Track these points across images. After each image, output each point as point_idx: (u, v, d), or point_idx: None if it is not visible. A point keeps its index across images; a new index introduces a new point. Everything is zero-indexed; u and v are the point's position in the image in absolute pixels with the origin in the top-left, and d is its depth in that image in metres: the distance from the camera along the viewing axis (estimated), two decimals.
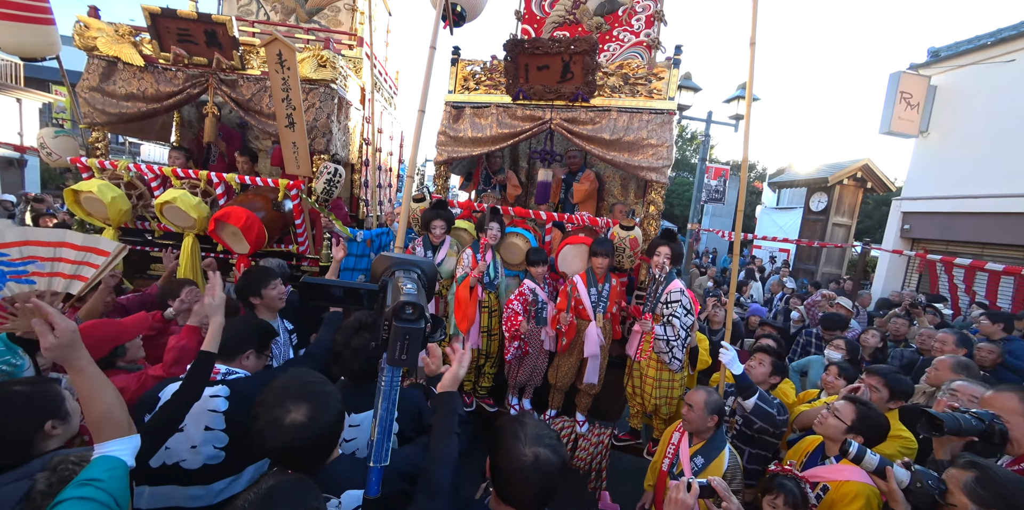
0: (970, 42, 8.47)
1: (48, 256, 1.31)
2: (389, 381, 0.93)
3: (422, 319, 0.85)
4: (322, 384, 1.19)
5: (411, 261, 1.06)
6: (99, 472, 1.02)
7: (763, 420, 2.08)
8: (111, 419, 1.09)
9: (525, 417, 1.18)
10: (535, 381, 3.14)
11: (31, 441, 1.18)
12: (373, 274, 1.08)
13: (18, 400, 1.19)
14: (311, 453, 1.12)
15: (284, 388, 1.14)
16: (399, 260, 1.05)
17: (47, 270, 1.30)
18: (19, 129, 10.05)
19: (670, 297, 2.62)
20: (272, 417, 1.08)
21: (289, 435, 1.07)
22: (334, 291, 1.02)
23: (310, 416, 1.09)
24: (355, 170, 4.52)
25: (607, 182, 4.50)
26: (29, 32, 3.55)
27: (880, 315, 5.30)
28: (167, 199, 3.25)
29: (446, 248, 3.22)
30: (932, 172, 8.71)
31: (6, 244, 1.25)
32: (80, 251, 1.37)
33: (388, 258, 1.07)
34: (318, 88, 3.61)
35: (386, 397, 0.92)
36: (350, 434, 1.57)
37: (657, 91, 3.48)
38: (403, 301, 0.85)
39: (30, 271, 1.26)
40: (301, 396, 1.12)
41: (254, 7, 4.68)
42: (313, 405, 1.11)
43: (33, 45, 3.64)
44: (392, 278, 1.00)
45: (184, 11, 3.37)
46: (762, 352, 2.48)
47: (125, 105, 3.56)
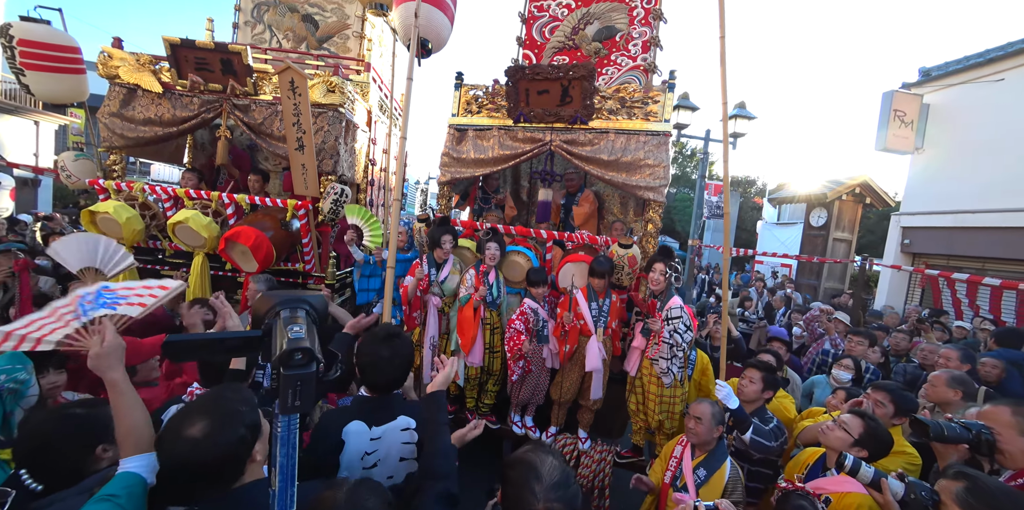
0: (959, 62, 8.71)
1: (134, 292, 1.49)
2: (286, 427, 0.86)
3: (312, 362, 0.82)
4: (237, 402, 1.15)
5: (297, 298, 0.99)
6: (118, 489, 1.05)
7: (761, 452, 2.11)
8: (136, 435, 1.14)
9: (541, 454, 1.13)
10: (537, 399, 3.16)
11: (84, 463, 1.23)
12: (256, 317, 0.99)
13: (74, 423, 1.25)
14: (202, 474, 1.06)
15: (196, 402, 1.15)
16: (283, 299, 0.98)
17: (129, 301, 1.46)
18: (35, 150, 10.36)
19: (670, 313, 2.66)
20: (169, 428, 1.07)
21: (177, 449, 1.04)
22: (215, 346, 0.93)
23: (206, 432, 1.04)
24: (361, 190, 4.64)
25: (606, 201, 4.60)
26: (62, 81, 3.82)
27: (873, 327, 5.30)
28: (179, 219, 3.36)
29: (449, 266, 3.29)
30: (930, 188, 8.82)
31: (125, 287, 1.48)
32: (152, 288, 1.53)
33: (271, 297, 0.98)
34: (327, 112, 3.76)
35: (284, 443, 0.86)
36: (371, 446, 1.58)
37: (653, 113, 3.61)
38: (289, 348, 0.82)
39: (122, 302, 1.43)
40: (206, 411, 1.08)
41: (267, 35, 4.91)
42: (214, 422, 1.06)
43: (65, 93, 3.91)
44: (277, 320, 0.93)
45: (202, 41, 3.56)
46: (751, 368, 2.49)
47: (142, 129, 3.71)
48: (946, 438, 1.48)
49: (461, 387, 3.26)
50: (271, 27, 4.88)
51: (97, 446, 1.25)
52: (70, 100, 3.97)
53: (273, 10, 4.87)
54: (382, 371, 1.60)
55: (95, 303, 1.36)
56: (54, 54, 3.70)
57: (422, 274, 3.17)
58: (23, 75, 3.65)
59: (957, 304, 6.83)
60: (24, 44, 3.61)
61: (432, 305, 3.19)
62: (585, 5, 4.61)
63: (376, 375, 1.61)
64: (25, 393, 1.88)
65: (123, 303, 1.42)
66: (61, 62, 3.76)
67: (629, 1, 4.50)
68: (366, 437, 1.57)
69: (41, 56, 3.65)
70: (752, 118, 8.78)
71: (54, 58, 3.71)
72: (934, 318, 5.35)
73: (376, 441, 1.60)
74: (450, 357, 3.19)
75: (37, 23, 3.73)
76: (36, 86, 3.75)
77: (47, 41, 3.69)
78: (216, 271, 3.67)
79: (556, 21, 4.69)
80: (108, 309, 1.37)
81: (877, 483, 1.45)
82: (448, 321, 3.28)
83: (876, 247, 12.16)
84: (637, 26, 4.49)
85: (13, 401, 1.85)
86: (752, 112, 8.78)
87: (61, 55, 3.75)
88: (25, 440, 1.30)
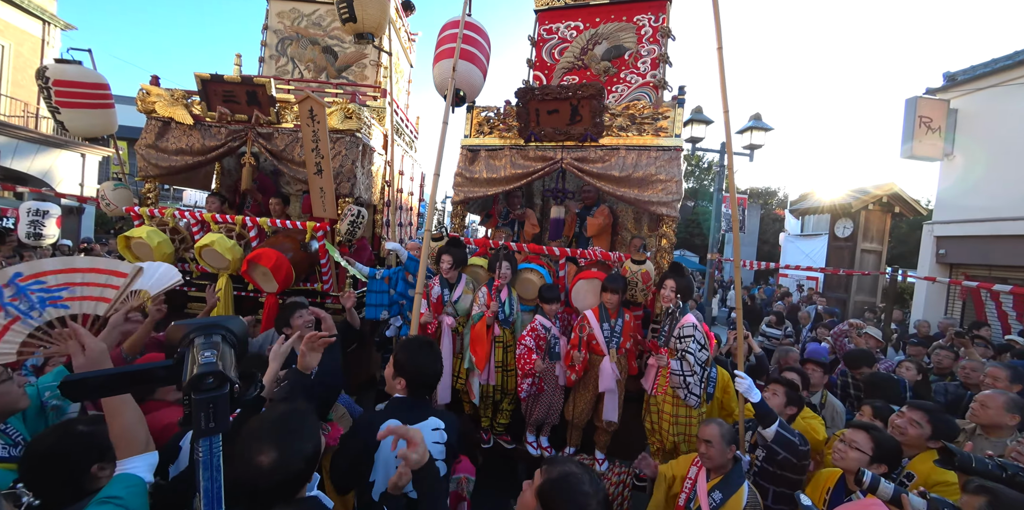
0: (987, 65, 8.45)
1: (78, 281, 1.42)
2: (208, 450, 0.85)
3: (225, 384, 0.83)
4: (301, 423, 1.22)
5: (210, 323, 0.98)
6: (119, 490, 1.06)
7: (786, 449, 1.99)
8: (131, 436, 1.14)
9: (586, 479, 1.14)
10: (552, 419, 3.10)
11: (80, 480, 1.26)
12: (170, 346, 0.98)
13: (73, 440, 1.28)
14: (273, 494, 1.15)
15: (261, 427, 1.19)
16: (195, 326, 0.96)
17: (77, 294, 1.40)
18: (81, 180, 11.11)
19: (683, 332, 2.60)
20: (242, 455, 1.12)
21: (253, 475, 1.10)
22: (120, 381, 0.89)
23: (276, 460, 1.12)
24: (377, 211, 4.76)
25: (621, 216, 4.58)
26: (94, 116, 4.13)
27: (913, 343, 5.00)
28: (206, 243, 3.51)
29: (462, 286, 3.31)
30: (963, 195, 8.45)
31: (44, 272, 1.37)
32: (104, 275, 1.46)
33: (183, 327, 0.96)
34: (344, 137, 3.91)
35: (207, 466, 0.85)
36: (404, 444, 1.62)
37: (664, 129, 3.62)
38: (199, 373, 0.82)
39: (64, 296, 1.37)
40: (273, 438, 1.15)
41: (290, 67, 5.19)
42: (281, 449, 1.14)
43: (96, 127, 4.25)
44: (190, 348, 0.92)
45: (230, 76, 3.79)
46: (775, 383, 2.42)
47: (175, 159, 3.94)
48: (973, 470, 1.39)
49: (476, 406, 3.23)
50: (294, 59, 5.16)
51: (94, 464, 1.27)
52: (101, 134, 4.28)
53: (296, 44, 5.16)
54: (426, 375, 1.75)
55: (27, 300, 1.29)
56: (86, 92, 4.01)
57: (435, 295, 3.20)
58: (59, 113, 3.97)
59: (1003, 317, 6.43)
60: (59, 84, 3.93)
61: (445, 325, 3.20)
62: (593, 26, 4.72)
63: (421, 379, 1.74)
64: (66, 410, 1.96)
65: (68, 297, 1.35)
66: (92, 98, 4.06)
67: (637, 21, 4.58)
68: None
69: (74, 94, 3.96)
70: (768, 129, 8.68)
71: (86, 95, 4.02)
72: (973, 332, 5.02)
73: None
74: (464, 376, 3.20)
75: (69, 64, 4.05)
76: (70, 123, 4.07)
77: (79, 80, 4.01)
78: (239, 292, 3.79)
79: (565, 43, 4.81)
80: (58, 308, 1.32)
81: (898, 500, 1.36)
82: (462, 340, 3.28)
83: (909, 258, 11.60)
84: (645, 44, 4.56)
85: (56, 417, 1.93)
86: (769, 123, 8.69)
87: (92, 92, 4.06)
88: (27, 454, 1.33)
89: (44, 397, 1.89)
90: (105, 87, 4.18)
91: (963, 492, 1.33)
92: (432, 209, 2.95)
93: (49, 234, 5.19)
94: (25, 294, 1.30)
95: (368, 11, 3.93)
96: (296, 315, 2.49)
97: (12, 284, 1.29)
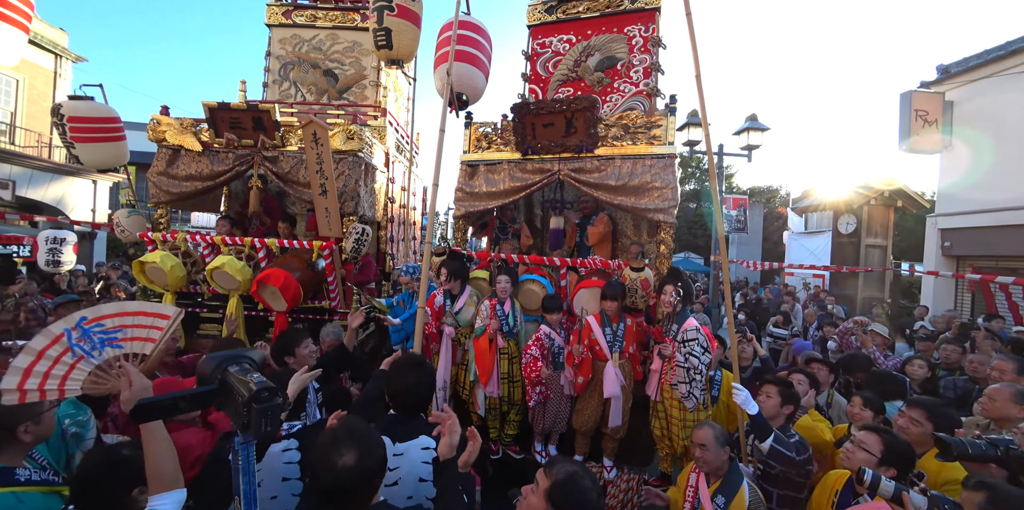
0: (980, 57, 8.49)
1: (130, 324, 1.57)
2: (246, 458, 1.04)
3: (277, 396, 1.03)
4: (369, 431, 1.36)
5: (236, 355, 1.18)
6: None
7: (781, 463, 2.01)
8: (162, 472, 1.22)
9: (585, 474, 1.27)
10: (560, 427, 3.14)
11: (122, 503, 1.33)
12: (202, 377, 1.16)
13: (114, 464, 1.36)
14: (358, 493, 1.26)
15: (336, 435, 1.32)
16: (224, 358, 1.16)
17: (129, 336, 1.54)
18: (93, 206, 11.41)
19: (686, 336, 2.65)
20: (326, 460, 1.24)
21: (340, 476, 1.22)
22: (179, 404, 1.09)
23: (357, 459, 1.24)
24: (381, 227, 4.87)
25: (620, 223, 4.64)
26: (107, 149, 4.34)
27: (922, 338, 4.97)
28: (217, 265, 3.62)
29: (465, 297, 3.38)
30: (965, 187, 8.43)
31: (103, 316, 1.53)
32: (150, 317, 1.61)
33: (212, 360, 1.16)
34: (347, 157, 4.04)
35: (245, 472, 1.03)
36: (393, 463, 1.67)
37: (657, 137, 3.70)
38: (258, 388, 1.02)
39: (119, 337, 1.52)
40: (351, 442, 1.28)
41: (293, 91, 5.35)
42: (360, 450, 1.26)
43: (110, 159, 4.47)
44: (228, 374, 1.12)
45: (236, 103, 3.93)
46: (767, 384, 2.41)
47: (185, 184, 4.08)
48: (971, 456, 1.42)
49: (483, 417, 3.28)
50: (296, 83, 5.33)
51: (134, 488, 1.34)
52: (113, 165, 4.50)
53: (298, 68, 5.33)
54: (409, 395, 1.78)
55: (90, 340, 1.45)
56: (98, 126, 4.22)
57: (437, 305, 3.28)
58: (73, 147, 4.17)
59: (1014, 308, 6.37)
60: (73, 120, 4.14)
61: (446, 335, 3.27)
62: (585, 39, 4.84)
63: (404, 399, 1.78)
64: (85, 436, 2.05)
65: (122, 337, 1.51)
66: (105, 132, 4.27)
67: (627, 31, 4.69)
68: (389, 452, 1.64)
69: (87, 129, 4.17)
70: (765, 129, 8.73)
71: (98, 130, 4.23)
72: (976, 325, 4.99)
73: (398, 457, 1.69)
74: (469, 387, 3.26)
75: (82, 100, 4.25)
76: (84, 156, 4.28)
77: (92, 115, 4.22)
78: (249, 311, 3.89)
79: (559, 56, 4.92)
80: (114, 348, 1.48)
81: (899, 498, 1.39)
82: (465, 353, 3.35)
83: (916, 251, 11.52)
84: (637, 54, 4.66)
85: (75, 444, 2.02)
86: (767, 121, 8.74)
87: (104, 126, 4.27)
88: (74, 478, 1.43)
89: (64, 424, 1.99)
90: (116, 120, 4.36)
91: (964, 488, 1.35)
92: (433, 221, 3.04)
93: (67, 261, 5.35)
94: (88, 336, 1.45)
95: (403, 41, 4.07)
96: (303, 344, 2.47)
97: (79, 327, 1.45)
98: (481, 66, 4.09)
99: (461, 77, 3.94)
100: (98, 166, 4.42)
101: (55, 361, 1.41)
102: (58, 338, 1.43)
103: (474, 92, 4.12)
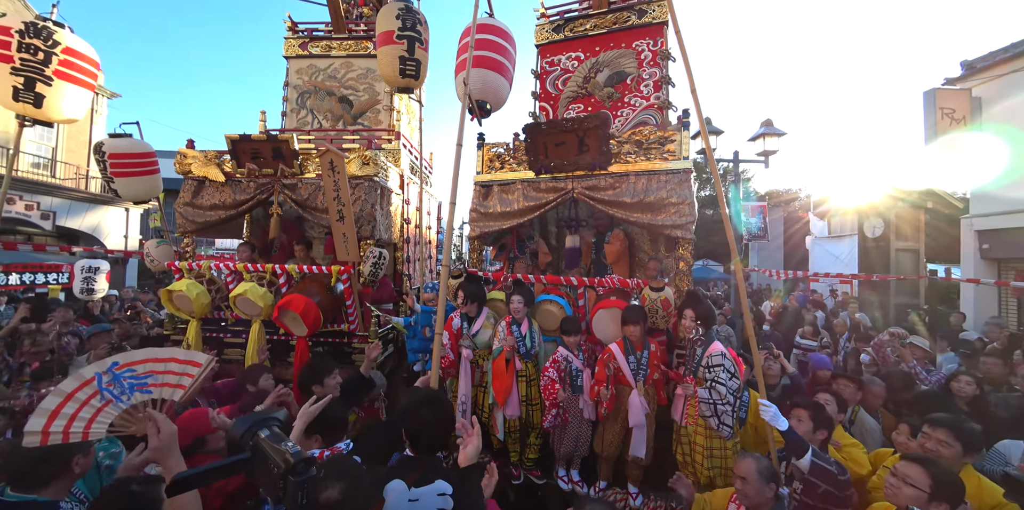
0: (1007, 50, 8.17)
1: (161, 370, 1.61)
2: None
3: (313, 467, 1.03)
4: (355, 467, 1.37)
5: (264, 418, 1.18)
6: None
7: (825, 480, 1.87)
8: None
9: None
10: (581, 451, 3.06)
11: None
12: (232, 441, 1.16)
13: (126, 499, 1.39)
14: None
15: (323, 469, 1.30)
16: (251, 423, 1.16)
17: (160, 382, 1.58)
18: (125, 232, 11.98)
19: (711, 361, 2.56)
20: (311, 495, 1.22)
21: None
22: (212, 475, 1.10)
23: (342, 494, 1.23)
24: (397, 248, 4.92)
25: (637, 238, 4.58)
26: (143, 182, 4.55)
27: (966, 353, 4.67)
28: (240, 292, 3.70)
29: (482, 319, 3.37)
30: (1001, 186, 8.04)
31: (135, 362, 1.57)
32: (182, 364, 1.64)
33: (242, 424, 1.17)
34: (363, 183, 4.11)
35: None
36: (408, 508, 1.60)
37: (671, 152, 3.65)
38: (296, 461, 1.01)
39: (148, 383, 1.55)
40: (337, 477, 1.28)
41: (310, 118, 5.52)
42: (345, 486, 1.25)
43: (145, 192, 4.68)
44: (258, 439, 1.12)
45: (256, 135, 4.08)
46: (797, 407, 2.29)
47: (210, 214, 4.22)
48: None
49: (502, 441, 3.23)
50: (313, 111, 5.50)
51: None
52: (148, 197, 4.73)
53: (314, 96, 5.50)
54: (426, 433, 1.67)
55: (120, 385, 1.48)
56: (135, 161, 4.44)
57: (455, 327, 3.27)
58: (113, 182, 4.37)
59: None
60: (113, 157, 4.35)
61: (464, 357, 3.25)
62: (593, 55, 4.86)
63: (420, 437, 1.68)
64: (116, 468, 2.09)
65: (153, 383, 1.54)
66: (141, 166, 4.49)
67: (635, 46, 4.70)
68: (405, 498, 1.59)
69: (126, 164, 4.39)
70: (782, 134, 8.55)
71: (135, 164, 4.45)
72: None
73: (413, 503, 1.61)
74: (488, 410, 3.21)
75: (121, 137, 4.48)
76: (123, 190, 4.50)
77: (130, 151, 4.44)
78: (271, 336, 3.95)
79: (567, 73, 4.96)
80: (143, 393, 1.51)
81: None
82: (484, 375, 3.31)
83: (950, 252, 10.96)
84: (647, 68, 4.65)
85: (108, 476, 2.06)
86: (784, 125, 8.60)
87: (141, 161, 4.49)
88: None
89: (99, 457, 2.03)
90: (152, 155, 4.58)
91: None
92: (450, 240, 2.98)
93: (100, 289, 5.58)
94: (119, 381, 1.50)
95: (424, 71, 4.17)
96: (332, 375, 2.50)
97: (110, 371, 1.50)
98: (505, 72, 3.93)
99: (484, 84, 3.77)
100: (135, 199, 4.64)
101: (83, 404, 1.44)
102: (88, 381, 1.47)
103: (497, 100, 3.95)
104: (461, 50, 3.73)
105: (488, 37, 3.82)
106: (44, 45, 3.25)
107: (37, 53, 3.24)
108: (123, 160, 4.37)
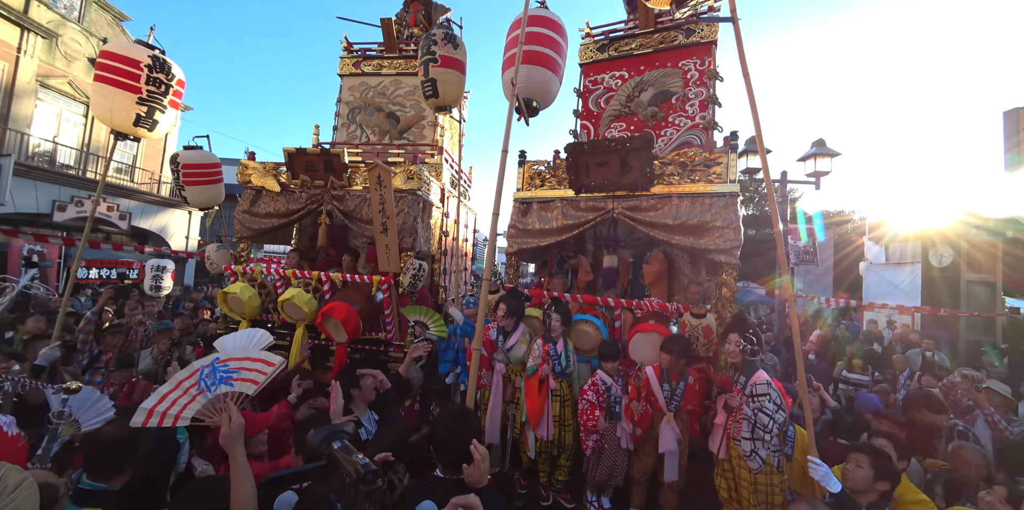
0: None
1: (245, 367, 1.77)
2: None
3: (379, 478, 1.13)
4: None
5: (335, 430, 1.31)
6: None
7: None
8: (244, 505, 1.31)
9: None
10: (616, 481, 2.96)
11: None
12: (309, 449, 1.29)
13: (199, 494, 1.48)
14: None
15: None
16: (327, 434, 1.30)
17: (242, 377, 1.74)
18: (187, 233, 13.01)
19: (755, 390, 2.43)
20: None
21: None
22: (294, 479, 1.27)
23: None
24: (435, 260, 5.03)
25: (677, 260, 4.46)
26: (209, 190, 4.95)
27: None
28: (287, 297, 3.89)
29: (518, 335, 3.37)
30: None
31: (232, 358, 1.76)
32: (259, 363, 1.80)
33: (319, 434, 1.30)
34: (407, 196, 4.26)
35: None
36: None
37: (717, 174, 3.56)
38: (366, 472, 1.12)
39: (234, 377, 1.71)
40: None
41: (359, 132, 5.80)
42: None
43: (210, 199, 5.10)
44: (332, 450, 1.25)
45: (311, 149, 4.33)
46: (858, 452, 2.11)
47: (264, 221, 4.49)
48: None
49: (532, 459, 3.18)
50: (362, 125, 5.78)
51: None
52: (212, 204, 5.16)
53: (363, 112, 5.80)
54: (452, 445, 1.68)
55: (213, 377, 1.61)
56: (204, 171, 4.86)
57: (490, 339, 3.29)
58: (183, 190, 4.77)
59: None
60: (185, 167, 4.78)
61: (496, 371, 3.24)
62: (638, 74, 4.84)
63: (447, 448, 1.68)
64: (179, 460, 2.21)
65: (236, 378, 1.66)
66: (209, 176, 4.90)
67: (682, 66, 4.64)
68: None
69: (196, 174, 4.81)
70: (835, 155, 8.13)
71: (204, 174, 4.86)
72: None
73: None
74: (520, 428, 3.18)
75: (194, 149, 4.91)
76: (192, 198, 4.93)
77: (200, 162, 4.86)
78: (313, 340, 4.12)
79: (611, 92, 4.96)
80: (227, 386, 1.63)
81: None
82: (516, 390, 3.30)
83: None
84: (692, 87, 4.58)
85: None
86: (836, 146, 8.14)
87: (208, 171, 4.90)
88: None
89: None
90: (217, 165, 4.99)
91: None
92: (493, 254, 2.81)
93: (166, 286, 6.03)
94: (215, 373, 1.65)
95: (447, 88, 4.38)
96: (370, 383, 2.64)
97: (211, 364, 1.68)
98: (555, 68, 3.73)
99: (532, 81, 3.63)
100: (201, 205, 5.07)
101: (184, 391, 1.59)
102: (195, 372, 1.64)
103: (545, 98, 3.79)
104: (509, 45, 3.58)
105: (538, 30, 3.61)
106: (166, 78, 3.60)
107: (161, 86, 3.58)
108: (194, 170, 4.78)
